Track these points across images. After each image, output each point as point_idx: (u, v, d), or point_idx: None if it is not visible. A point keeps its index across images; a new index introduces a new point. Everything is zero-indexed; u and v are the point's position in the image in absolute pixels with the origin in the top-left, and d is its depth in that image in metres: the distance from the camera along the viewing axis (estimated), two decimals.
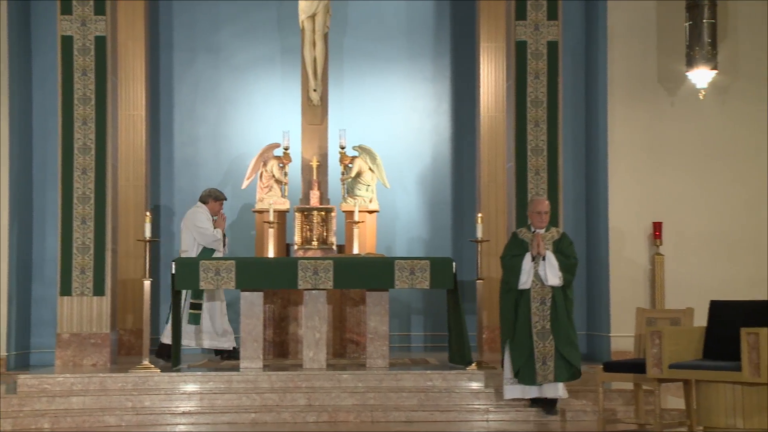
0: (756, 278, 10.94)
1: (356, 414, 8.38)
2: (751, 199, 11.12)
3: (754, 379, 6.86)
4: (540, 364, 8.33)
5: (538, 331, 8.38)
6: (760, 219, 11.10)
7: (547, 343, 8.35)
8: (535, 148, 10.48)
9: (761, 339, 6.83)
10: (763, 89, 11.12)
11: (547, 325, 8.38)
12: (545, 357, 8.34)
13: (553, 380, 8.32)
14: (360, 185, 12.06)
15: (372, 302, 9.51)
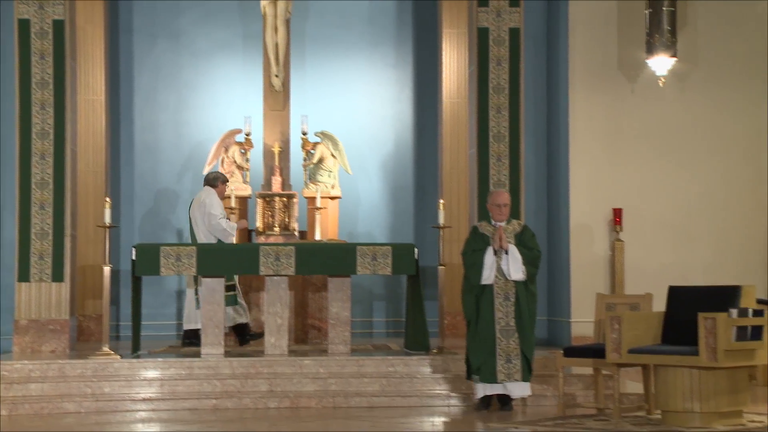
0: (713, 264, 11.06)
1: (318, 400, 8.38)
2: (709, 186, 11.23)
3: (711, 364, 6.94)
4: (503, 362, 8.03)
5: (502, 328, 8.10)
6: (717, 205, 11.22)
7: (511, 340, 8.07)
8: (497, 135, 10.51)
9: (718, 324, 6.92)
10: (722, 77, 11.23)
11: (511, 321, 8.11)
12: (509, 355, 8.05)
13: (519, 379, 8.05)
14: (322, 171, 12.04)
15: (334, 288, 9.50)
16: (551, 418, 7.55)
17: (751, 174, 11.27)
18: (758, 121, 11.24)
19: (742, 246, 11.21)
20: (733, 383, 7.16)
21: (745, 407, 7.33)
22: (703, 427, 6.97)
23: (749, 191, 11.25)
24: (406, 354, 9.31)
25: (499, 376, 8.04)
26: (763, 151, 11.26)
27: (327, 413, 8.00)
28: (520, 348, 8.10)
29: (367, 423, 7.41)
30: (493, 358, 8.06)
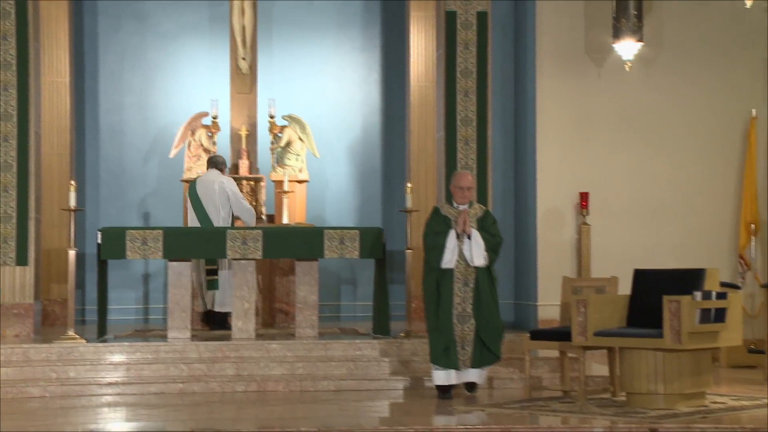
0: (678, 247, 11.16)
1: (285, 383, 8.38)
2: (675, 169, 11.32)
3: (675, 346, 7.01)
4: (459, 348, 7.89)
5: (459, 313, 7.93)
6: (682, 189, 11.31)
7: (466, 327, 7.91)
8: (464, 119, 10.53)
9: (682, 307, 6.98)
10: (687, 61, 11.30)
11: (468, 308, 7.93)
12: (464, 341, 7.91)
13: (470, 366, 7.90)
14: (290, 155, 12.00)
15: (301, 272, 9.49)
16: (517, 401, 7.60)
17: (716, 158, 11.36)
18: (724, 104, 11.33)
19: (707, 229, 11.32)
20: (696, 365, 7.24)
21: (708, 389, 7.42)
22: (667, 408, 7.05)
23: (715, 175, 11.35)
24: (374, 338, 9.32)
25: (459, 363, 7.88)
26: (728, 134, 11.36)
27: (294, 397, 8.01)
28: (475, 334, 7.90)
29: (335, 406, 7.43)
30: (454, 345, 7.89)
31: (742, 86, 11.33)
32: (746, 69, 11.33)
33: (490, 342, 7.95)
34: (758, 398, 7.65)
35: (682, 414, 6.83)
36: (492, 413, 7.02)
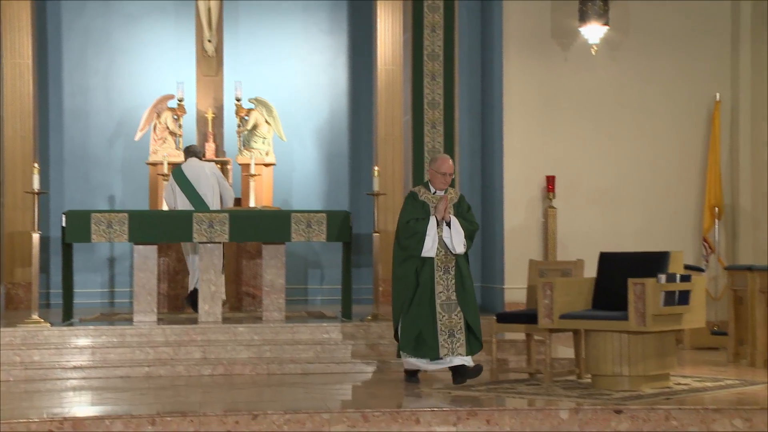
0: (644, 230, 11.24)
1: (252, 367, 8.37)
2: (640, 153, 11.39)
3: (640, 328, 7.07)
4: (446, 337, 7.61)
5: (443, 302, 7.65)
6: (647, 172, 11.38)
7: (454, 315, 7.63)
8: (431, 102, 10.52)
9: (647, 289, 7.04)
10: (652, 45, 11.35)
11: (452, 295, 7.66)
12: (452, 329, 7.63)
13: (464, 354, 7.62)
14: (256, 138, 11.96)
15: (268, 255, 9.46)
16: (484, 383, 7.63)
17: (681, 141, 11.45)
18: (688, 88, 11.41)
19: (672, 213, 11.41)
20: (660, 347, 7.30)
21: (672, 370, 7.49)
22: (632, 390, 7.11)
23: (679, 158, 11.44)
24: (341, 321, 9.32)
25: (441, 351, 7.61)
26: (692, 118, 11.44)
27: (261, 380, 8.00)
28: (464, 321, 7.66)
29: (301, 390, 7.42)
30: (434, 333, 7.62)
31: (707, 70, 11.41)
32: (711, 53, 11.41)
33: (477, 330, 7.72)
34: (721, 379, 7.73)
35: (647, 395, 6.89)
36: (458, 395, 7.04)
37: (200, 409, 6.40)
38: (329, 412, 6.34)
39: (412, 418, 6.37)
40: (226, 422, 6.25)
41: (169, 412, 6.30)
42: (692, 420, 6.45)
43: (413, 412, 6.39)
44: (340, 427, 6.31)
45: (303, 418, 6.30)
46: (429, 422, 6.37)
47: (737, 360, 8.90)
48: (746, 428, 6.44)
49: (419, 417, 6.37)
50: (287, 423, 6.28)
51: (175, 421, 6.21)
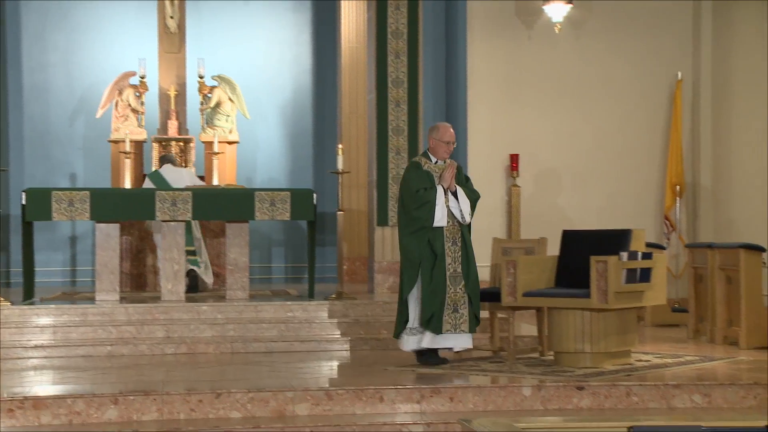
0: (606, 208, 11.32)
1: (216, 345, 8.34)
2: (603, 131, 11.45)
3: (602, 306, 7.12)
4: (450, 312, 7.34)
5: (451, 274, 7.36)
6: (610, 150, 11.45)
7: (458, 288, 7.38)
8: (395, 80, 10.49)
9: (609, 267, 7.08)
10: (616, 24, 11.39)
11: (458, 267, 7.39)
12: (456, 304, 7.37)
13: (466, 330, 7.37)
14: (219, 115, 11.89)
15: (232, 234, 9.41)
16: (448, 361, 7.65)
17: (643, 120, 11.52)
18: (651, 67, 11.47)
19: (634, 191, 11.49)
20: (622, 324, 7.36)
21: (633, 347, 7.56)
22: (593, 367, 7.17)
23: (642, 137, 11.51)
24: (305, 299, 9.30)
25: (444, 326, 7.33)
26: (655, 97, 11.51)
27: (225, 359, 7.98)
28: (467, 296, 7.39)
29: (266, 368, 7.41)
30: (441, 308, 7.32)
31: (669, 49, 11.47)
32: (673, 32, 11.47)
33: (476, 305, 7.46)
34: (681, 356, 7.82)
35: (608, 372, 6.95)
36: (422, 373, 7.07)
37: (163, 388, 6.37)
38: (293, 390, 6.34)
39: (376, 395, 6.38)
40: (189, 401, 6.23)
41: (132, 391, 6.27)
42: (653, 396, 6.51)
43: (377, 390, 6.40)
44: (304, 406, 6.31)
45: (267, 396, 6.30)
46: (393, 400, 6.39)
47: (697, 336, 9.00)
48: (705, 403, 6.52)
49: (383, 395, 6.39)
50: (251, 401, 6.27)
51: (138, 399, 6.19)
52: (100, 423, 6.07)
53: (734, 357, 7.77)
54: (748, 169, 10.87)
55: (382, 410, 6.35)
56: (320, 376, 7.13)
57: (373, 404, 6.36)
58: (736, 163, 11.08)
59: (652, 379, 6.68)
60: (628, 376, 6.81)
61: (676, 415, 6.25)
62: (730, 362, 7.53)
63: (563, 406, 6.45)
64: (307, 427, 6.02)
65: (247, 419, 6.18)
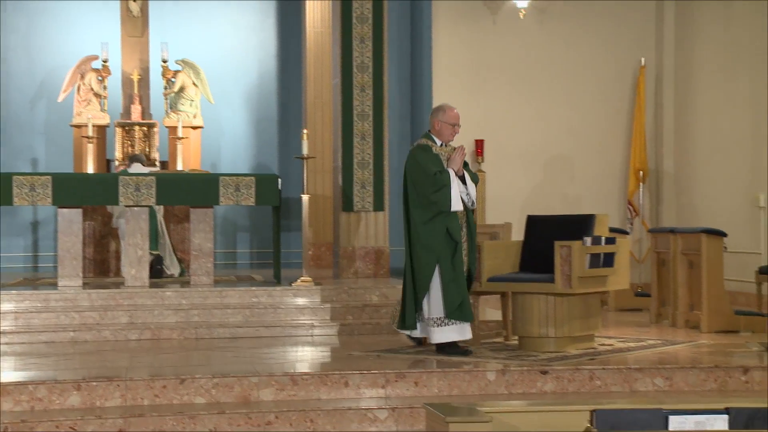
0: (570, 194, 11.38)
1: (180, 331, 8.30)
2: (567, 117, 11.50)
3: (566, 290, 7.16)
4: None
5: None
6: (574, 136, 11.50)
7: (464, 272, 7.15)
8: (360, 65, 10.45)
9: (573, 252, 7.12)
10: (579, 10, 11.43)
11: (464, 254, 7.17)
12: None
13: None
14: (183, 100, 11.81)
15: (196, 219, 9.35)
16: (413, 346, 7.67)
17: (607, 106, 11.58)
18: (614, 53, 11.52)
19: (598, 176, 11.56)
20: (586, 309, 7.41)
21: (596, 331, 7.62)
22: (557, 351, 7.21)
23: (606, 122, 11.58)
24: (270, 285, 9.28)
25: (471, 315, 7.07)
26: (618, 83, 11.57)
27: (189, 344, 7.94)
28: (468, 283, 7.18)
29: (230, 354, 7.39)
30: (467, 295, 7.09)
31: (632, 35, 11.53)
32: (636, 18, 11.53)
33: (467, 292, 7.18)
34: (644, 340, 7.89)
35: (572, 356, 6.99)
36: (387, 358, 7.07)
37: (127, 374, 6.33)
38: (258, 375, 6.33)
39: (341, 380, 6.38)
40: (153, 387, 6.20)
41: (95, 377, 6.22)
42: (615, 379, 6.57)
43: (342, 375, 6.40)
44: (269, 391, 6.30)
45: (231, 381, 6.28)
46: (358, 385, 6.39)
47: (659, 320, 9.09)
48: (667, 386, 6.58)
49: (348, 380, 6.39)
50: (215, 387, 6.25)
51: (101, 386, 6.14)
52: (63, 409, 6.02)
53: (695, 341, 7.85)
54: (710, 155, 10.97)
55: (347, 395, 6.35)
56: (285, 362, 7.12)
57: (338, 389, 6.36)
58: (698, 148, 11.18)
59: (615, 363, 6.73)
60: (591, 360, 6.86)
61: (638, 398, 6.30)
62: (692, 346, 7.61)
63: (527, 390, 6.48)
64: (271, 413, 6.01)
65: (212, 405, 6.15)
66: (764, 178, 9.96)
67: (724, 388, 6.59)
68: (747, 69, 10.31)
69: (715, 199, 10.84)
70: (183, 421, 5.92)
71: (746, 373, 6.63)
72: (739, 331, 8.37)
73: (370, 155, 10.22)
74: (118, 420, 5.85)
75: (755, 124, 10.18)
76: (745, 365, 6.67)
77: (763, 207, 9.97)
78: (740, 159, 10.42)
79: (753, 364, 6.70)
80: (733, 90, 10.56)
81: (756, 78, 10.12)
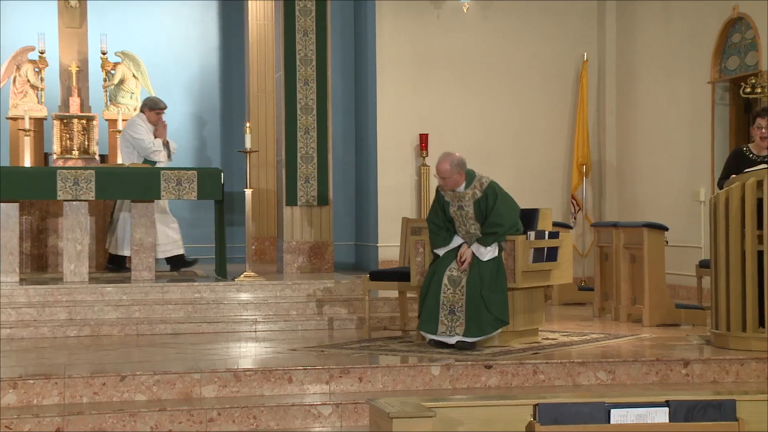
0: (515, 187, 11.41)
1: (120, 328, 8.20)
2: (510, 111, 11.56)
3: (510, 285, 7.18)
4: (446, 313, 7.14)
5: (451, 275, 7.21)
6: (517, 130, 11.57)
7: (458, 290, 7.17)
8: (304, 58, 10.42)
9: (517, 246, 7.15)
10: (522, 4, 11.49)
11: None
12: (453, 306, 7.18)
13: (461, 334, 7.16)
14: (123, 93, 11.68)
15: (137, 214, 9.25)
16: (357, 341, 7.67)
17: (551, 100, 11.66)
18: (557, 48, 11.61)
19: (541, 170, 11.64)
20: (529, 303, 7.46)
21: (540, 326, 7.67)
22: (501, 345, 7.25)
23: (549, 117, 11.66)
24: (213, 280, 9.21)
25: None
26: (562, 77, 11.66)
27: (130, 341, 7.85)
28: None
29: (172, 350, 7.31)
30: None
31: (575, 30, 11.63)
32: (578, 13, 11.63)
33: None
34: (587, 334, 7.97)
35: (516, 351, 7.04)
36: (331, 353, 7.06)
37: (65, 371, 6.24)
38: (200, 372, 6.27)
39: (285, 377, 6.35)
40: (93, 384, 6.11)
41: (32, 375, 6.12)
42: (559, 373, 6.62)
43: (285, 371, 6.37)
44: (211, 388, 6.25)
45: (173, 378, 6.21)
46: (301, 381, 6.36)
47: (602, 314, 9.19)
48: (609, 380, 6.65)
49: (291, 375, 6.36)
50: (156, 384, 6.18)
51: (39, 383, 6.04)
52: None
53: (638, 334, 7.95)
54: (652, 150, 11.11)
55: (291, 391, 6.33)
56: (228, 358, 7.07)
57: (282, 385, 6.33)
58: (640, 143, 11.32)
59: (559, 357, 6.79)
60: (535, 354, 6.91)
61: (581, 392, 6.37)
62: (634, 339, 7.70)
63: (471, 385, 6.51)
64: (214, 409, 5.96)
65: (153, 402, 6.09)
66: (705, 173, 10.12)
67: (665, 381, 6.68)
68: (687, 65, 10.46)
69: (656, 193, 10.99)
70: (123, 419, 5.85)
71: (687, 366, 6.73)
72: (680, 325, 8.49)
73: (314, 149, 10.19)
74: (56, 419, 5.76)
75: (696, 120, 10.34)
76: (686, 358, 6.77)
77: (703, 201, 10.13)
78: (681, 154, 10.57)
79: (693, 357, 6.80)
80: (674, 86, 10.71)
81: (696, 75, 10.27)
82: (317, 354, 7.07)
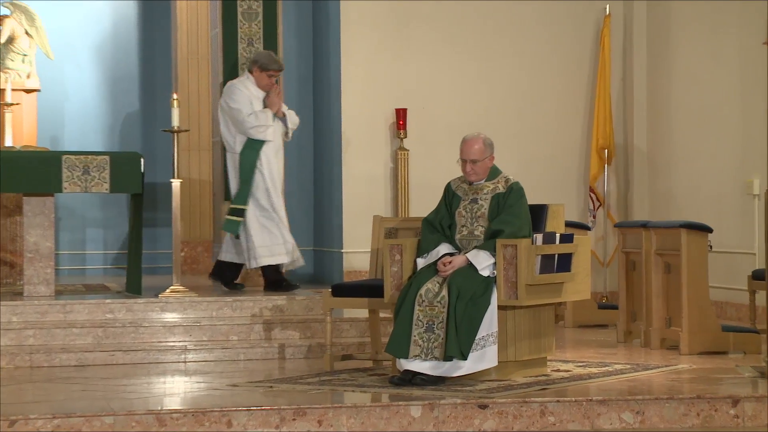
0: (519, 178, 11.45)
1: (9, 358, 8.20)
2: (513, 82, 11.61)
3: (510, 302, 7.19)
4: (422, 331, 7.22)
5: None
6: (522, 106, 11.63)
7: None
8: (247, 12, 10.42)
9: (520, 252, 7.16)
10: None
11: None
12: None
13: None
14: (13, 55, 11.71)
15: (31, 211, 9.27)
16: (315, 375, 7.69)
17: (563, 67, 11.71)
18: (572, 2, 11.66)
19: (551, 155, 11.69)
20: (536, 326, 7.49)
21: (549, 354, 7.71)
22: (500, 379, 7.28)
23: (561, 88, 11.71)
24: (130, 296, 9.21)
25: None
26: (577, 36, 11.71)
27: (21, 375, 7.85)
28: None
29: (77, 386, 7.33)
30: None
31: None
32: None
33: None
34: (609, 364, 8.02)
35: (518, 386, 7.07)
36: (282, 390, 7.08)
37: None
38: (113, 414, 6.28)
39: (223, 419, 6.37)
40: None
41: None
42: (573, 415, 6.66)
43: (224, 413, 6.39)
44: None
45: (78, 422, 6.22)
46: (244, 425, 6.38)
47: (629, 339, 9.24)
48: (637, 423, 6.70)
49: (231, 418, 6.38)
50: (56, 429, 6.18)
51: None
52: None
53: (674, 365, 8.00)
54: (691, 130, 11.19)
55: None
56: (150, 396, 7.08)
57: (219, 429, 6.35)
58: (676, 121, 11.39)
59: (573, 394, 6.83)
60: (543, 390, 6.94)
61: None
62: (669, 371, 7.75)
63: (462, 430, 6.54)
64: None
65: None
66: (759, 159, 10.17)
67: (708, 424, 6.73)
68: (736, 21, 10.53)
69: (697, 185, 11.07)
70: None
71: (736, 405, 6.78)
72: (728, 352, 8.55)
73: None
74: None
75: (748, 91, 10.40)
76: (735, 395, 6.82)
77: (757, 195, 10.20)
78: (730, 135, 10.65)
79: (744, 393, 6.86)
80: (720, 48, 10.77)
81: (748, 33, 10.32)
82: (264, 391, 7.09)
